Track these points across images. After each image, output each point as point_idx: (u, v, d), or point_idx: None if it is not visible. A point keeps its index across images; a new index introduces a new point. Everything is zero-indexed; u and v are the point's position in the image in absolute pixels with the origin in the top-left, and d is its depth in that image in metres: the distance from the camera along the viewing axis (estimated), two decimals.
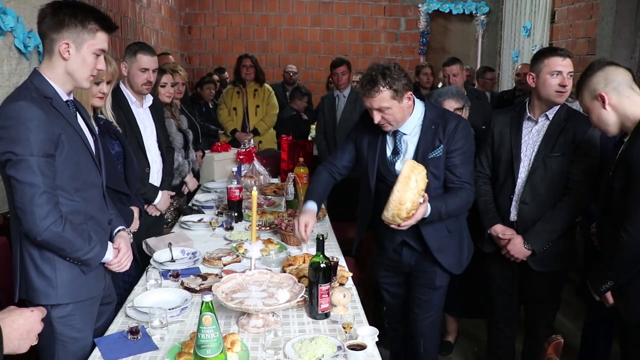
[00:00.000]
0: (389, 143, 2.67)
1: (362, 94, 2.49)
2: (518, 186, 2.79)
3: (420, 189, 2.29)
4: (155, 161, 3.33)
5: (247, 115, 5.84)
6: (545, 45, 6.83)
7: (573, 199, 2.69)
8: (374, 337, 2.01)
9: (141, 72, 3.17)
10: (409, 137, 2.62)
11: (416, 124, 2.60)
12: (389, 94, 2.43)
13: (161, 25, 7.22)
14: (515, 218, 2.81)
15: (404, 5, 8.84)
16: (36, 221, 1.83)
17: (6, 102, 1.88)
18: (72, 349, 2.04)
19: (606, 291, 2.32)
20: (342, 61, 5.24)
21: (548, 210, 2.73)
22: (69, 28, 1.92)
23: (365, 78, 2.46)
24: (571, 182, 2.70)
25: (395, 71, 2.44)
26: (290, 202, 3.43)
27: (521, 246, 2.76)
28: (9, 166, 1.83)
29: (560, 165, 2.70)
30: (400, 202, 2.27)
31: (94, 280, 2.09)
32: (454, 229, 2.70)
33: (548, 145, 2.71)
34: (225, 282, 2.21)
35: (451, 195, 2.58)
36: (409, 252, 2.73)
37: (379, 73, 2.41)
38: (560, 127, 2.70)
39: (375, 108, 2.46)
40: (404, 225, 2.38)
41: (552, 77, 2.65)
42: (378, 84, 2.41)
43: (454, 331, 3.87)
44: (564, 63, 2.65)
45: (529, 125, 2.81)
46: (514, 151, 2.79)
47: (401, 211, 2.29)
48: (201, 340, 1.60)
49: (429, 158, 2.55)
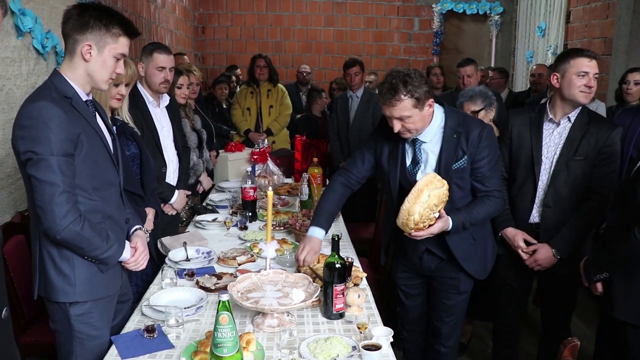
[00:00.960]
0: (409, 152, 2.57)
1: (382, 103, 2.37)
2: (539, 189, 2.77)
3: (432, 204, 2.27)
4: (172, 161, 3.36)
5: (260, 115, 5.85)
6: (560, 45, 6.79)
7: (596, 203, 2.67)
8: (389, 338, 2.02)
9: (158, 71, 3.19)
10: (428, 145, 2.51)
11: (436, 131, 2.49)
12: (410, 103, 2.31)
13: (175, 26, 7.26)
14: (538, 220, 2.80)
15: (417, 5, 8.82)
16: (55, 220, 1.85)
17: (27, 102, 1.90)
18: (89, 346, 2.07)
19: (598, 281, 2.37)
20: (355, 61, 5.22)
21: (570, 214, 2.71)
22: (93, 30, 1.95)
23: (384, 86, 2.34)
24: (593, 186, 2.68)
25: (416, 79, 2.31)
26: (304, 203, 3.45)
27: (549, 254, 2.74)
28: (29, 165, 1.85)
29: (582, 169, 2.68)
30: (409, 213, 2.27)
31: (111, 278, 2.12)
32: (479, 237, 2.65)
33: (571, 149, 2.68)
34: (240, 281, 2.23)
35: (476, 204, 2.52)
36: (430, 257, 2.67)
37: (400, 81, 2.29)
38: (583, 130, 2.67)
39: (396, 117, 2.35)
40: (415, 236, 2.37)
41: (578, 78, 2.63)
42: (399, 93, 2.29)
43: (468, 332, 3.86)
44: (591, 64, 2.63)
45: (550, 127, 2.78)
46: (535, 153, 2.76)
47: (409, 221, 2.29)
48: (218, 339, 1.62)
49: (453, 169, 2.47)
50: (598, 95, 4.81)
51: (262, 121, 5.85)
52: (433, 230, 2.36)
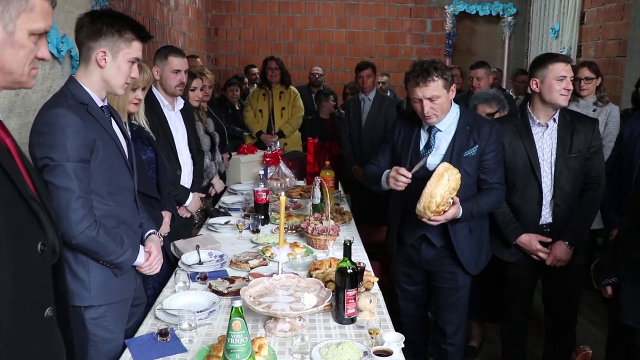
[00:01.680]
0: (423, 138, 2.82)
1: (414, 85, 2.62)
2: (545, 190, 2.88)
3: (451, 187, 2.49)
4: (187, 163, 3.39)
5: (272, 117, 5.87)
6: (574, 47, 6.75)
7: (596, 193, 2.88)
8: (400, 344, 2.02)
9: (174, 74, 3.23)
10: (443, 134, 2.76)
11: (451, 122, 2.76)
12: (441, 83, 2.61)
13: (188, 28, 7.31)
14: (550, 220, 2.92)
15: (430, 6, 8.81)
16: (71, 225, 1.88)
17: (44, 109, 1.94)
18: (104, 349, 2.09)
19: (607, 285, 2.42)
20: (367, 64, 5.22)
21: (575, 208, 2.88)
22: (106, 37, 1.98)
23: (415, 70, 2.63)
24: (589, 178, 2.88)
25: (441, 63, 2.68)
26: (316, 206, 3.46)
27: (565, 248, 2.86)
28: (46, 171, 1.88)
29: (579, 164, 2.85)
30: (432, 196, 2.47)
31: (125, 282, 2.14)
32: (475, 230, 2.83)
33: (565, 148, 2.84)
34: (252, 286, 2.25)
35: (482, 195, 2.76)
36: (427, 247, 2.85)
37: (430, 65, 2.61)
38: (570, 128, 2.85)
39: (427, 97, 2.61)
40: (434, 220, 2.57)
41: (557, 82, 2.77)
42: (432, 74, 2.58)
43: (479, 336, 3.86)
44: (567, 68, 2.80)
45: (538, 131, 2.91)
46: (533, 158, 2.88)
47: (431, 204, 2.48)
48: (230, 345, 1.64)
49: (464, 156, 2.72)
50: (612, 98, 4.78)
51: (274, 123, 5.86)
52: (448, 215, 2.57)
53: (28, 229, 1.32)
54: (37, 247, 1.34)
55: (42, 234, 1.36)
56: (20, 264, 1.29)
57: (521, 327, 3.16)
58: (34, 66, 1.37)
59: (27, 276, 1.31)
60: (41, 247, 1.34)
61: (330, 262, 2.68)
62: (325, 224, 3.08)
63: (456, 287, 2.88)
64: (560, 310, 3.05)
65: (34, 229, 1.34)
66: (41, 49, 1.37)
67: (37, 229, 1.35)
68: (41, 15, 1.33)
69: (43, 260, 1.37)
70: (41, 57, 1.37)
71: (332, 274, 2.48)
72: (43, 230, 1.36)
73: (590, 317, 4.13)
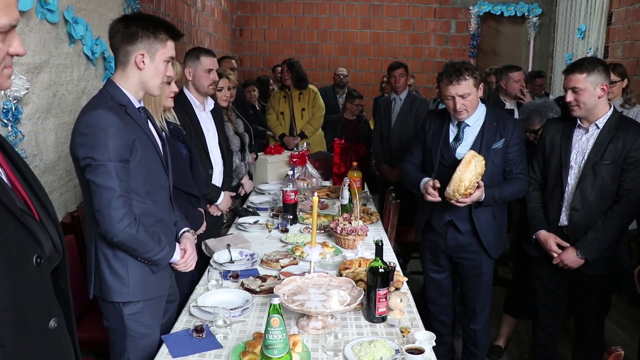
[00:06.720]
0: (452, 132, 3.06)
1: (448, 83, 2.86)
2: (567, 193, 2.87)
3: (478, 172, 2.74)
4: (217, 163, 3.45)
5: (293, 118, 5.90)
6: (601, 48, 6.67)
7: (624, 207, 2.75)
8: (431, 342, 2.04)
9: (206, 74, 3.30)
10: (470, 128, 3.01)
11: (478, 117, 3.00)
12: (472, 82, 2.87)
13: (214, 29, 7.39)
14: (566, 223, 2.89)
15: (454, 7, 8.79)
16: (113, 223, 1.93)
17: (85, 111, 1.99)
18: (141, 344, 2.15)
19: None
20: (400, 64, 5.20)
21: (598, 217, 2.78)
22: (143, 39, 2.03)
23: (448, 70, 2.87)
24: (621, 190, 2.76)
25: (471, 64, 2.95)
26: (344, 207, 3.48)
27: (574, 256, 2.83)
28: (88, 171, 1.94)
29: (610, 173, 2.75)
30: (461, 180, 2.72)
31: (161, 279, 2.20)
32: (499, 216, 3.07)
33: (597, 153, 2.77)
34: (285, 284, 2.28)
35: (506, 182, 2.97)
36: (453, 233, 3.07)
37: (462, 65, 2.88)
38: (610, 135, 2.76)
39: (460, 94, 2.86)
40: (461, 202, 2.81)
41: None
42: (464, 74, 2.83)
43: (505, 335, 3.85)
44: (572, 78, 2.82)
45: (579, 133, 2.89)
46: (563, 159, 2.88)
47: (460, 187, 2.73)
48: (269, 341, 1.67)
49: (492, 149, 2.95)
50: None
51: (295, 125, 5.88)
52: (473, 197, 2.80)
53: (20, 245, 1.21)
54: (32, 260, 1.23)
55: (37, 246, 1.25)
56: (16, 281, 1.19)
57: (551, 331, 3.15)
58: (5, 65, 1.21)
59: (24, 293, 1.21)
60: (37, 259, 1.24)
61: (360, 261, 2.71)
62: (354, 224, 3.11)
63: (481, 273, 3.10)
64: (584, 317, 3.02)
65: (27, 243, 1.23)
66: (13, 45, 1.20)
67: (30, 242, 1.24)
68: (3, 10, 1.15)
69: (40, 272, 1.26)
70: (14, 53, 1.22)
71: (361, 274, 2.51)
72: (37, 241, 1.25)
73: (619, 321, 4.10)
